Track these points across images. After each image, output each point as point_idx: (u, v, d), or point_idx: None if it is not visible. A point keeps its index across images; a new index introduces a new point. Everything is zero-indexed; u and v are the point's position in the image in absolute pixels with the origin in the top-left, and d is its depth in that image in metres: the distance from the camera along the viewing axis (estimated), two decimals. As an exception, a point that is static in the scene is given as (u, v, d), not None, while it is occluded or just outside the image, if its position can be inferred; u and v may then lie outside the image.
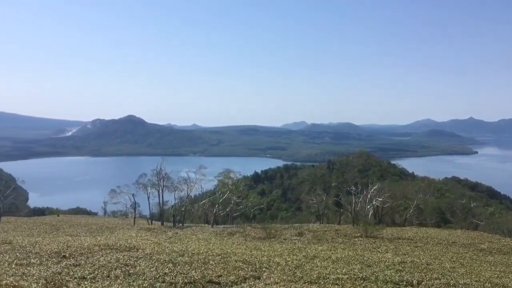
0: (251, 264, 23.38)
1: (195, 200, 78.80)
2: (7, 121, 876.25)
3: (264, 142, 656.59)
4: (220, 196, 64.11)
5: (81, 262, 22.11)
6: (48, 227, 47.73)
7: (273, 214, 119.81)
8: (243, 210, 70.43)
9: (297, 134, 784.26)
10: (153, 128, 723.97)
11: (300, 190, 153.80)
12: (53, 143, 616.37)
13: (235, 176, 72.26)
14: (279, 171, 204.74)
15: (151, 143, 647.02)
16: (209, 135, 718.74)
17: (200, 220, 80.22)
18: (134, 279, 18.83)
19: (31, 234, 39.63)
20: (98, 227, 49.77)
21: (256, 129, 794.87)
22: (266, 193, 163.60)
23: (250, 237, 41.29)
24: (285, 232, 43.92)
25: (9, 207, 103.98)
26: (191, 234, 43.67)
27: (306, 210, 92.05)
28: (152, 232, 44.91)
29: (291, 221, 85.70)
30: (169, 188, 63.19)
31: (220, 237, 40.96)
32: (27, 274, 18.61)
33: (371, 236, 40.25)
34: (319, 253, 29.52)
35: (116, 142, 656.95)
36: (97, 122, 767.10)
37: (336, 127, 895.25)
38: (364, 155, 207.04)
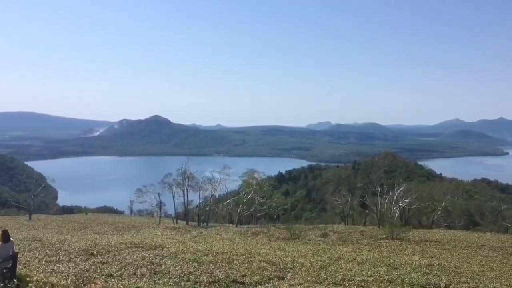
0: (275, 265, 23.36)
1: (219, 200, 79.23)
2: (38, 121, 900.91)
3: (288, 142, 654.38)
4: (244, 196, 64.26)
5: (108, 260, 22.56)
6: (77, 225, 48.80)
7: (297, 215, 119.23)
8: (267, 210, 70.38)
9: (322, 134, 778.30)
10: (178, 128, 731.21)
11: (324, 191, 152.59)
12: (81, 143, 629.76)
13: (259, 176, 72.34)
14: (303, 172, 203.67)
15: (176, 143, 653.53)
16: (233, 135, 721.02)
17: (224, 219, 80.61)
18: (160, 277, 19.08)
19: (60, 231, 40.61)
20: (124, 226, 50.60)
21: (280, 129, 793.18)
22: (290, 194, 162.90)
23: (274, 237, 41.23)
24: (310, 233, 43.71)
25: (39, 205, 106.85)
26: (216, 233, 43.92)
27: (330, 211, 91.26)
28: (177, 231, 45.38)
29: (315, 221, 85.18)
30: (193, 187, 63.74)
31: (244, 237, 41.04)
32: (57, 271, 19.09)
33: (397, 238, 39.65)
34: (344, 254, 29.26)
35: (142, 142, 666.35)
36: (124, 122, 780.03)
37: (362, 127, 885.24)
38: (390, 155, 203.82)
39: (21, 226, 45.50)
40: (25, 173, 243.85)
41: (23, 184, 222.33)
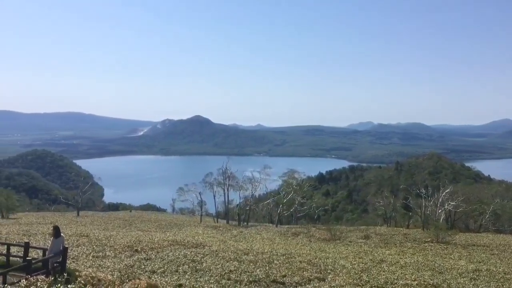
0: (315, 266, 23.19)
1: (259, 200, 79.50)
2: (86, 121, 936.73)
3: (328, 143, 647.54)
4: (284, 196, 64.17)
5: (151, 257, 23.14)
6: (122, 222, 50.31)
7: (338, 216, 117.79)
8: (307, 210, 69.99)
9: (363, 135, 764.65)
10: (219, 128, 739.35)
11: (366, 192, 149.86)
12: (126, 142, 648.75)
13: (299, 177, 72.08)
14: (344, 172, 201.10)
15: (217, 142, 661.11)
16: (273, 135, 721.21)
17: (264, 219, 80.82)
18: (201, 275, 19.37)
19: (106, 228, 42.01)
20: (167, 224, 51.70)
21: (320, 129, 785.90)
22: (330, 194, 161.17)
23: (315, 238, 40.92)
24: (351, 235, 43.09)
25: (87, 202, 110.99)
26: (256, 233, 44.10)
27: (372, 212, 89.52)
28: (218, 230, 45.90)
29: (356, 223, 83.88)
30: (234, 187, 64.29)
31: (284, 237, 40.98)
32: (103, 266, 19.78)
33: (442, 242, 38.40)
34: (386, 257, 28.67)
35: (184, 141, 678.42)
36: (167, 122, 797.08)
37: (405, 127, 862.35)
38: (435, 156, 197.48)
39: (70, 222, 47.42)
40: (73, 171, 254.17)
41: (71, 182, 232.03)
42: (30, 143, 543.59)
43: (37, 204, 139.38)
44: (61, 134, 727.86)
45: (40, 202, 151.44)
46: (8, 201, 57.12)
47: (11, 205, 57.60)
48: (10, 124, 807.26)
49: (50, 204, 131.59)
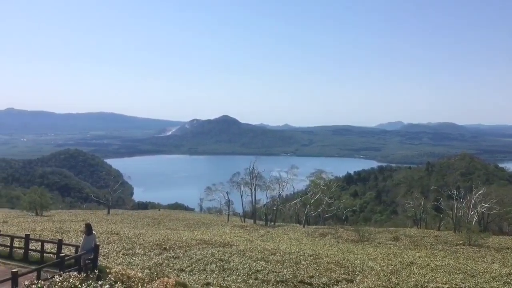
0: (343, 267, 22.98)
1: (286, 200, 79.29)
2: (117, 121, 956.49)
3: (357, 143, 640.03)
4: (311, 197, 63.75)
5: (179, 255, 23.43)
6: (151, 220, 51.11)
7: (366, 217, 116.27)
8: (335, 211, 69.35)
9: (393, 135, 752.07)
10: (246, 127, 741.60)
11: (395, 193, 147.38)
12: (155, 142, 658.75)
13: (327, 177, 71.41)
14: (373, 173, 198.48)
15: (244, 142, 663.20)
16: (301, 135, 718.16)
17: (291, 219, 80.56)
18: (228, 274, 19.49)
19: (136, 226, 42.76)
20: (194, 222, 52.22)
21: (349, 129, 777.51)
22: (359, 195, 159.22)
23: (343, 239, 40.53)
24: (380, 236, 42.48)
25: (117, 201, 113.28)
26: (283, 233, 44.02)
27: (402, 213, 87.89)
28: (245, 230, 46.04)
29: (385, 224, 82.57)
30: (261, 187, 64.29)
31: (312, 238, 40.75)
32: (133, 263, 20.16)
33: (475, 245, 37.38)
34: (416, 259, 28.15)
35: (212, 141, 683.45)
36: (195, 122, 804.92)
37: (436, 127, 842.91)
38: (468, 157, 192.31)
39: (101, 220, 48.49)
40: (104, 170, 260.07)
41: (102, 181, 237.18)
42: (63, 142, 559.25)
43: (70, 202, 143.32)
44: (93, 133, 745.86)
45: (72, 200, 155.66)
46: (42, 199, 58.81)
47: (45, 203, 59.30)
48: (45, 124, 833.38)
49: (81, 202, 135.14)
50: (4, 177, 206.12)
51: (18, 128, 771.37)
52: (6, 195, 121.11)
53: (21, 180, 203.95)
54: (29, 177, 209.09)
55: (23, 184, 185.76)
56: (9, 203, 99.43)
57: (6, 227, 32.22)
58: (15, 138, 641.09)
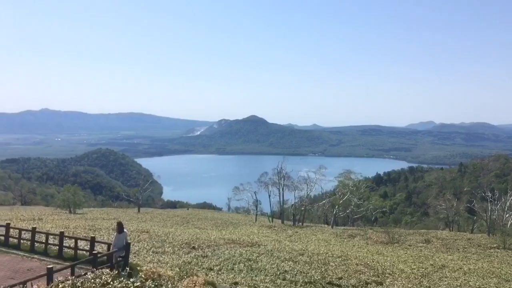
0: (373, 269, 22.66)
1: (314, 200, 78.72)
2: (146, 121, 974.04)
3: (387, 143, 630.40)
4: (340, 197, 63.12)
5: (208, 254, 23.63)
6: (179, 219, 51.74)
7: (396, 218, 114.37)
8: (364, 212, 68.44)
9: (424, 135, 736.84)
10: (274, 127, 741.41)
11: (426, 194, 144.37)
12: (184, 142, 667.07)
13: (355, 177, 70.55)
14: (403, 173, 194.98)
15: (272, 142, 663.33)
16: (329, 135, 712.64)
17: (319, 220, 79.98)
18: (256, 274, 19.52)
19: (165, 225, 43.37)
20: (222, 222, 52.55)
21: (378, 129, 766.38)
22: (389, 196, 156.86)
23: (372, 240, 39.96)
24: (410, 238, 41.68)
25: (147, 199, 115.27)
26: (311, 233, 43.76)
27: (433, 215, 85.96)
28: (273, 230, 46.02)
29: (416, 226, 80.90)
30: (289, 187, 64.07)
31: (340, 239, 40.35)
32: (162, 261, 20.45)
33: (509, 248, 36.21)
34: (448, 262, 27.49)
35: (240, 141, 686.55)
36: (223, 122, 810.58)
37: (469, 127, 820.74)
38: (503, 158, 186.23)
39: (131, 218, 49.41)
40: (134, 169, 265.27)
41: (132, 180, 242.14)
42: (95, 142, 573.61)
43: (101, 200, 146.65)
44: (123, 133, 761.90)
45: (104, 199, 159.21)
46: (75, 197, 60.37)
47: (78, 201, 60.85)
48: (78, 124, 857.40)
49: (113, 201, 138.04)
50: (39, 176, 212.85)
51: (52, 128, 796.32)
52: (41, 193, 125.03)
53: (55, 178, 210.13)
54: (63, 176, 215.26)
55: (57, 182, 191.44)
56: (44, 201, 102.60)
57: (41, 224, 33.23)
58: (50, 138, 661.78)
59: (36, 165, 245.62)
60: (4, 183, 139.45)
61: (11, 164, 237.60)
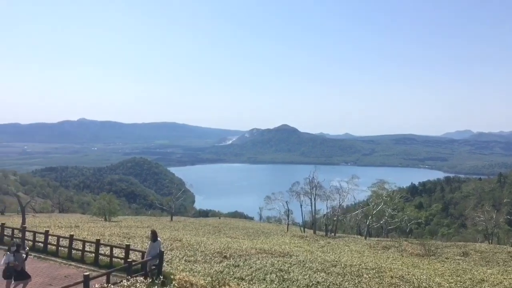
0: (408, 282, 22.06)
1: (347, 210, 77.60)
2: (179, 131, 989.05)
3: (421, 152, 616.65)
4: (373, 208, 61.97)
5: (239, 264, 23.60)
6: (211, 228, 52.04)
7: (432, 230, 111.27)
8: (398, 223, 66.87)
9: (461, 144, 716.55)
10: (305, 137, 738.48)
11: (464, 205, 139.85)
12: (216, 151, 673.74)
13: (389, 187, 69.14)
14: (439, 184, 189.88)
15: (303, 151, 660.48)
16: (361, 144, 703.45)
17: (352, 230, 78.74)
18: (288, 285, 19.34)
19: (197, 233, 43.70)
20: (254, 231, 52.49)
21: (412, 138, 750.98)
22: (424, 207, 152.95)
23: (407, 252, 38.96)
24: (447, 251, 40.39)
25: (179, 208, 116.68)
26: (344, 244, 43.09)
27: (471, 227, 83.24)
28: (304, 240, 45.59)
29: (453, 238, 78.46)
30: (321, 197, 63.40)
31: (374, 250, 39.55)
32: (194, 270, 20.58)
33: (554, 263, 34.49)
34: (488, 276, 26.46)
35: (271, 150, 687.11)
36: (254, 131, 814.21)
37: (508, 136, 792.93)
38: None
39: (164, 226, 50.07)
40: (167, 178, 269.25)
41: (166, 188, 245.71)
42: (130, 151, 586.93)
43: (135, 208, 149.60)
44: (157, 142, 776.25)
45: (138, 207, 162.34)
46: (110, 205, 61.84)
47: (113, 209, 62.29)
48: (114, 134, 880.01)
49: (146, 209, 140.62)
50: (76, 184, 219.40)
51: (89, 137, 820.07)
52: (78, 201, 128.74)
53: (91, 186, 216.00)
54: (99, 184, 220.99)
55: (93, 190, 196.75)
56: (80, 208, 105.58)
57: (78, 232, 34.14)
58: (87, 147, 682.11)
59: (73, 174, 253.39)
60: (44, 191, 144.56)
61: (50, 172, 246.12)
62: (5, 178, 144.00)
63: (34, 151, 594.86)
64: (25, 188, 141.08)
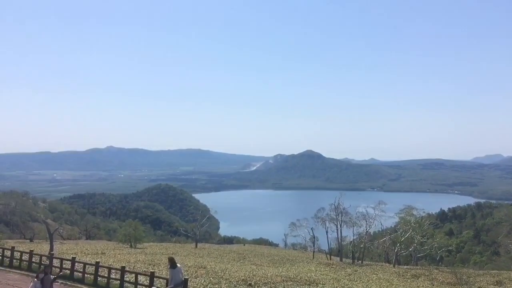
0: (439, 313, 21.27)
1: (374, 237, 75.96)
2: (204, 157, 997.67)
3: (450, 177, 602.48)
4: (401, 234, 60.43)
5: (265, 292, 23.26)
6: (236, 255, 51.61)
7: (463, 258, 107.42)
8: (428, 251, 64.90)
9: (491, 168, 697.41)
10: (330, 162, 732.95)
11: (496, 232, 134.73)
12: (240, 177, 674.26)
13: (418, 213, 67.49)
14: (470, 209, 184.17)
15: (328, 177, 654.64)
16: (387, 169, 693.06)
17: (380, 258, 76.80)
18: (315, 315, 18.90)
19: (222, 261, 43.39)
20: (279, 258, 51.79)
21: (441, 163, 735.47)
22: (454, 234, 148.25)
23: (438, 281, 37.67)
24: (480, 279, 38.85)
25: (204, 234, 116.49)
26: (371, 272, 42.01)
27: (505, 255, 79.98)
28: (331, 268, 44.68)
29: (486, 267, 75.50)
30: (347, 223, 62.31)
31: (403, 279, 38.38)
32: (219, 298, 20.37)
33: None
34: (524, 308, 25.26)
35: (296, 176, 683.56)
36: (278, 157, 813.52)
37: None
38: None
39: (189, 253, 49.95)
40: (192, 205, 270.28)
41: (190, 215, 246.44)
42: (156, 177, 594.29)
43: (160, 235, 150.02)
44: (182, 169, 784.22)
45: (163, 234, 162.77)
46: (135, 232, 62.19)
47: (138, 236, 62.58)
48: (140, 161, 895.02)
49: (171, 236, 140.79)
50: (103, 211, 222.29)
51: (116, 164, 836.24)
52: (105, 228, 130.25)
53: (117, 213, 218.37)
54: (125, 211, 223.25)
55: (120, 217, 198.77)
56: (107, 235, 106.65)
57: (104, 258, 34.39)
58: (113, 174, 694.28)
59: (100, 201, 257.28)
60: (71, 218, 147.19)
61: (78, 199, 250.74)
62: (35, 205, 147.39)
63: (64, 179, 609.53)
64: (53, 215, 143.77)
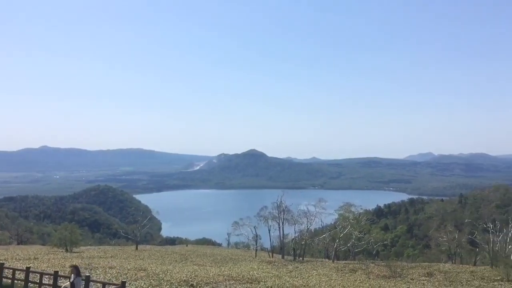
0: (375, 305, 22.18)
1: (315, 234, 77.86)
2: (145, 157, 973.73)
3: (386, 175, 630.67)
4: (340, 231, 62.47)
5: (206, 292, 23.15)
6: (178, 256, 50.94)
7: (398, 251, 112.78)
8: (365, 245, 67.56)
9: (423, 166, 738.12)
10: (273, 161, 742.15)
11: (428, 226, 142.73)
12: (183, 177, 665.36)
13: (356, 210, 70.08)
14: (403, 205, 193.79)
15: (271, 176, 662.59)
16: (328, 168, 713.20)
17: (320, 254, 78.84)
18: (256, 312, 19.07)
19: (163, 262, 42.63)
20: (222, 258, 51.75)
21: (377, 161, 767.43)
22: (389, 229, 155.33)
23: (374, 274, 39.29)
24: (412, 272, 40.99)
25: (145, 236, 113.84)
26: (312, 268, 43.05)
27: (435, 248, 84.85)
28: (273, 265, 45.29)
29: (418, 259, 79.75)
30: (289, 221, 63.47)
31: (342, 273, 39.67)
32: (159, 300, 20.00)
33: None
34: (452, 296, 26.95)
35: (239, 175, 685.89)
36: (222, 157, 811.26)
37: (468, 158, 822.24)
38: (503, 188, 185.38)
39: (129, 256, 48.60)
40: (133, 206, 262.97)
41: (131, 216, 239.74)
42: (94, 178, 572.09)
43: (99, 238, 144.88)
44: (123, 169, 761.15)
45: (102, 236, 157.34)
46: (72, 236, 59.44)
47: (75, 239, 59.87)
48: (77, 161, 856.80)
49: (110, 238, 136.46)
50: (37, 214, 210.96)
51: (51, 165, 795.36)
52: (38, 232, 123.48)
53: (52, 216, 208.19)
54: (60, 214, 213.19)
55: (55, 220, 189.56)
56: (40, 240, 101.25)
57: (36, 264, 32.69)
58: (49, 175, 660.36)
59: (33, 203, 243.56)
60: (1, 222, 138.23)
61: (9, 202, 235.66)
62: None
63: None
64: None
